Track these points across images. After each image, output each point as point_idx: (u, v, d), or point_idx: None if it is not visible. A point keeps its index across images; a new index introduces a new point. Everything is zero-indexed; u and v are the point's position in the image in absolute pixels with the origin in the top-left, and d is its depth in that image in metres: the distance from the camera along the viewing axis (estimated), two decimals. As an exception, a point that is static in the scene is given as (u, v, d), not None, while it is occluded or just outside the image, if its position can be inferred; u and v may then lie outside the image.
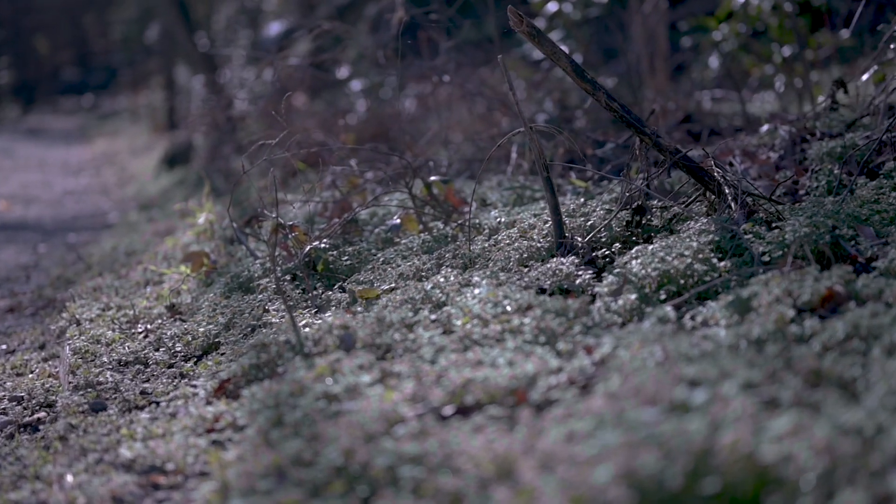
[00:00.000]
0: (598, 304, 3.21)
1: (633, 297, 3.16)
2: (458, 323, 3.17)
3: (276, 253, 4.48)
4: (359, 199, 5.18)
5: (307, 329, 3.39)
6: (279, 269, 4.22)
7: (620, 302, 3.15)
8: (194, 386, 3.51)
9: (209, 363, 3.69)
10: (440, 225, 4.42)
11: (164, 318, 4.54)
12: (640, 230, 3.79)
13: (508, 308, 3.16)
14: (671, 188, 4.43)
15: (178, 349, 4.00)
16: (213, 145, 11.17)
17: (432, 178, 4.52)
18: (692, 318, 2.99)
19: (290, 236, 4.30)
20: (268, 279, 4.17)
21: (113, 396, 3.53)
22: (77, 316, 4.66)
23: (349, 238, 4.48)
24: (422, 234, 4.27)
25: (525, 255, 3.69)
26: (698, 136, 5.79)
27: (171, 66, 16.50)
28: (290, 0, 15.53)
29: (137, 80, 22.53)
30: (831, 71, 7.71)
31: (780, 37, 7.51)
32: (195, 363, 3.82)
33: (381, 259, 4.07)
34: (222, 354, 3.71)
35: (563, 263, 3.51)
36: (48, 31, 27.79)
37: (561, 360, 2.79)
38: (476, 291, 3.36)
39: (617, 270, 3.39)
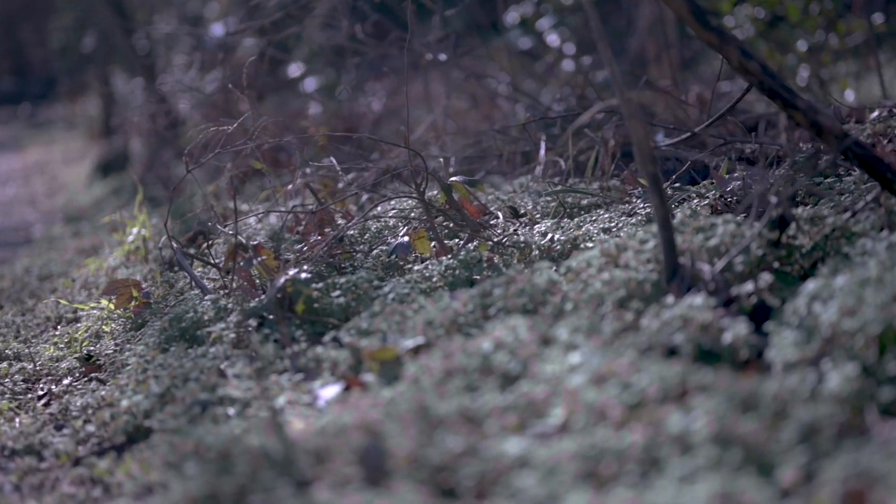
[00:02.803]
0: (776, 380, 1.81)
1: (851, 366, 1.77)
2: (558, 413, 1.76)
3: (236, 284, 3.03)
4: (340, 209, 3.74)
5: (297, 424, 1.95)
6: (241, 308, 2.77)
7: (834, 381, 1.75)
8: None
9: (134, 464, 2.24)
10: (463, 243, 3.00)
11: (76, 375, 3.08)
12: (783, 252, 2.39)
13: (644, 389, 1.75)
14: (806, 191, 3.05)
15: (91, 431, 2.55)
16: (152, 151, 9.67)
17: (453, 178, 3.08)
18: None
19: (253, 262, 2.85)
20: (223, 325, 2.72)
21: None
22: (-47, 371, 3.17)
23: (336, 263, 3.03)
24: (442, 258, 2.84)
25: (623, 293, 2.27)
26: (754, 129, 4.40)
27: (108, 73, 14.91)
28: (232, 2, 14.04)
29: (75, 89, 20.84)
30: (866, 59, 6.41)
31: (803, 22, 6.19)
32: (115, 458, 2.37)
33: (391, 295, 2.63)
34: (155, 449, 2.25)
35: (695, 306, 2.10)
36: (-16, 42, 26.00)
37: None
38: (574, 360, 1.95)
39: (794, 318, 1.99)
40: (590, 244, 2.77)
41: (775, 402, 1.68)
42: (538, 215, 3.28)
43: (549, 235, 2.86)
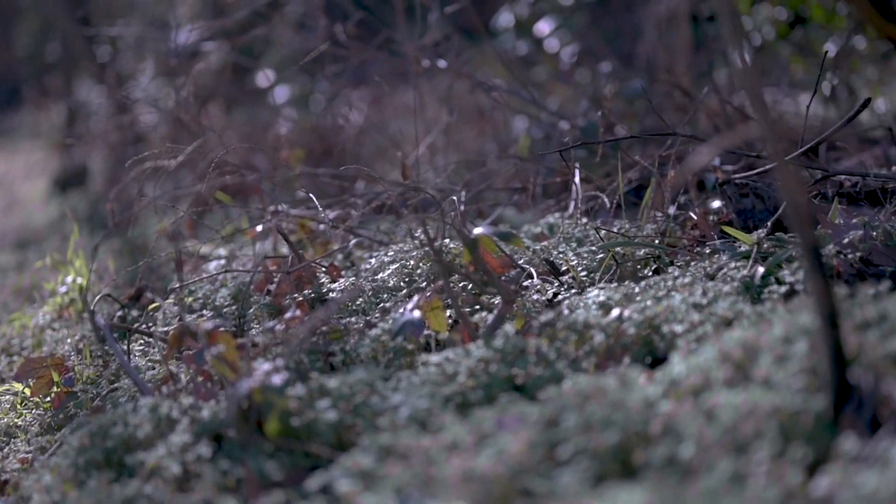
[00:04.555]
0: None
1: None
2: None
3: (184, 382, 2.15)
4: (320, 258, 2.86)
5: None
6: (190, 421, 1.90)
7: None
8: None
9: None
10: (494, 319, 2.13)
11: (-31, 501, 2.19)
12: None
13: None
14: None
15: None
16: (113, 167, 8.75)
17: (479, 229, 2.21)
18: None
19: (207, 353, 1.98)
20: (164, 449, 1.85)
21: None
22: None
23: (322, 346, 2.15)
24: (469, 346, 1.99)
25: (773, 431, 1.42)
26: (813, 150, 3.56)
27: (71, 81, 13.95)
28: (199, 8, 13.14)
29: (40, 97, 19.81)
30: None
31: (829, 23, 5.38)
32: None
33: (403, 409, 1.76)
34: None
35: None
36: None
37: None
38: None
39: None
40: (677, 326, 1.91)
41: None
42: (583, 271, 2.42)
43: (616, 312, 2.00)
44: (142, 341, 2.62)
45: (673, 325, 1.92)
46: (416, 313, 2.05)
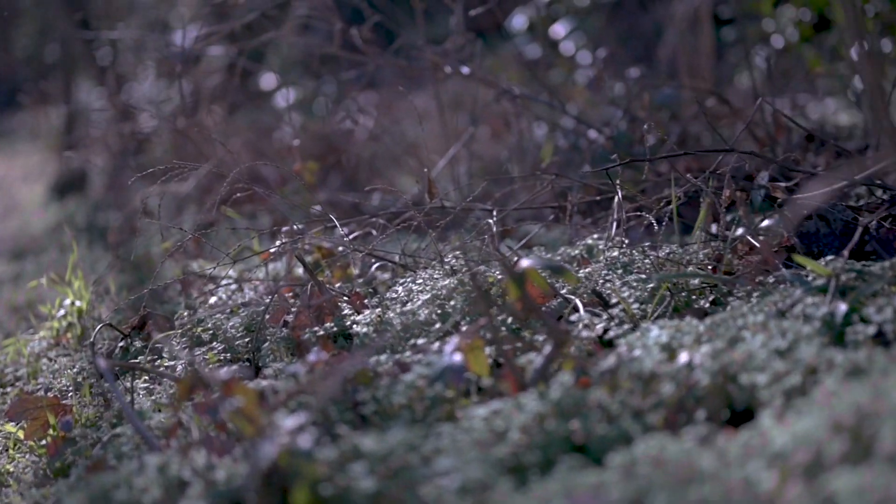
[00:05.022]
0: None
1: None
2: None
3: (196, 431, 1.90)
4: (340, 280, 2.61)
5: None
6: (204, 484, 1.65)
7: None
8: None
9: None
10: (544, 363, 1.88)
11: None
12: None
13: None
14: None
15: None
16: (112, 172, 8.48)
17: (525, 261, 1.95)
18: None
19: (223, 407, 1.73)
20: (175, 522, 1.60)
21: None
22: None
23: (350, 396, 1.89)
24: (517, 395, 1.74)
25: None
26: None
27: (70, 83, 13.71)
28: (200, 9, 12.90)
29: (40, 99, 19.56)
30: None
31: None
32: None
33: (451, 479, 1.51)
34: None
35: None
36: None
37: None
38: None
39: None
40: (759, 377, 1.66)
41: None
42: (635, 304, 2.16)
43: (684, 357, 1.75)
44: (146, 377, 2.37)
45: (753, 375, 1.67)
46: (457, 356, 1.80)
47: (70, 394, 2.50)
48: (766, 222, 2.55)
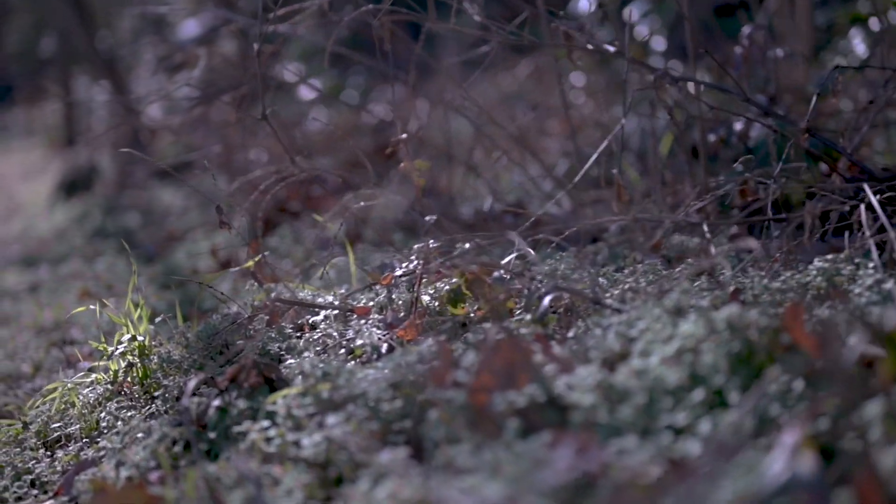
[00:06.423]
0: None
1: None
2: None
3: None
4: (502, 314, 1.96)
5: None
6: None
7: None
8: None
9: None
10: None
11: None
12: None
13: None
14: None
15: None
16: (123, 167, 7.80)
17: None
18: None
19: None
20: None
21: None
22: None
23: None
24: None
25: None
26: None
27: (69, 76, 13.00)
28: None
29: (34, 94, 18.83)
30: None
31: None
32: None
33: None
34: None
35: None
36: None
37: None
38: None
39: None
40: None
41: None
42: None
43: None
44: (263, 455, 1.70)
45: None
46: (807, 462, 1.14)
47: (152, 469, 1.83)
48: None
